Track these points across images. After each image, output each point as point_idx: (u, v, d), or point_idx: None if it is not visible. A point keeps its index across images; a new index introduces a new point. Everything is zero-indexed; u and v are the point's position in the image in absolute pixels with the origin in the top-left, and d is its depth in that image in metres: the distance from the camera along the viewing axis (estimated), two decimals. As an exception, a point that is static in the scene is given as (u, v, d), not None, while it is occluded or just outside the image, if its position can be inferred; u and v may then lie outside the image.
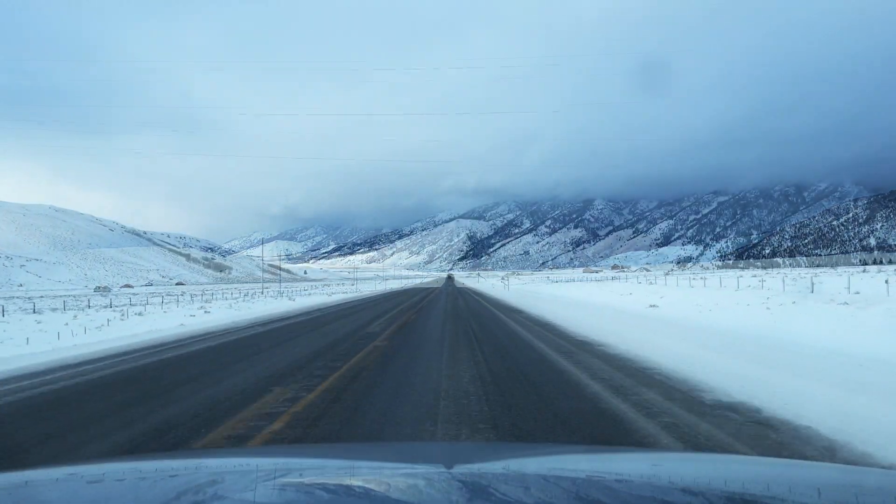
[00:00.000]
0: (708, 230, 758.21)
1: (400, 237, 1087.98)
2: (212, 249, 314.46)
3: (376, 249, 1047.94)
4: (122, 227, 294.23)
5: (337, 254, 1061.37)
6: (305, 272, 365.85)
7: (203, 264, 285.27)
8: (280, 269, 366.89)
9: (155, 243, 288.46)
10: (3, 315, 28.55)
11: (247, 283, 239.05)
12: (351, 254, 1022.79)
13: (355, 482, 2.02)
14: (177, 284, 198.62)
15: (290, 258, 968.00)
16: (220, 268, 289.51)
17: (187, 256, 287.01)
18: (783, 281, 35.65)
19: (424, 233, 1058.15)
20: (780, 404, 6.15)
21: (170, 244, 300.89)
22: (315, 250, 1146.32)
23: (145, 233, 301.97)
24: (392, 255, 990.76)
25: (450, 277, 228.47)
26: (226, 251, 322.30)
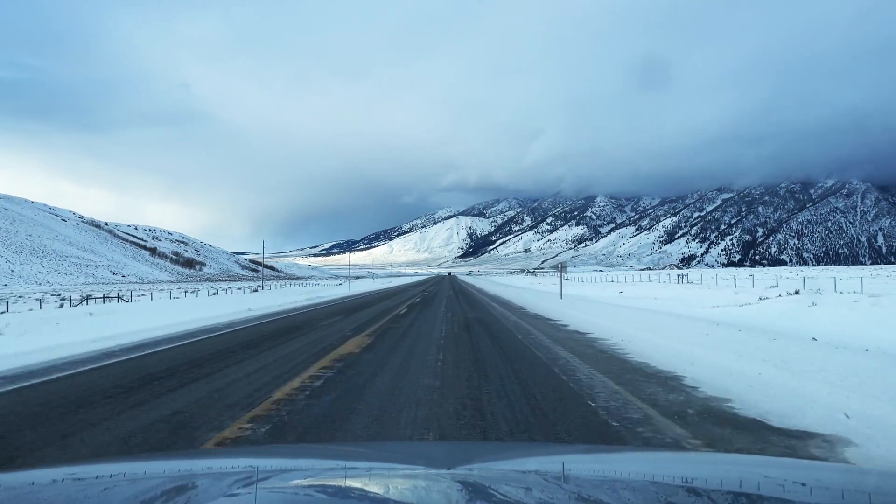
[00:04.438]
0: (712, 227, 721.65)
1: (399, 234, 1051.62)
2: (184, 243, 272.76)
3: (374, 247, 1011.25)
4: (80, 217, 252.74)
5: (336, 250, 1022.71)
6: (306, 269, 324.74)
7: (171, 260, 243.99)
8: (262, 265, 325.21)
9: (116, 235, 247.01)
10: None
11: (220, 281, 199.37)
12: (349, 251, 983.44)
13: (353, 483, 1.97)
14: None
15: (287, 255, 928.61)
16: (190, 264, 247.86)
17: (153, 251, 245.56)
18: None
19: (424, 230, 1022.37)
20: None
21: (135, 237, 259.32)
22: (315, 247, 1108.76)
23: (106, 224, 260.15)
24: (391, 252, 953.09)
25: (450, 276, 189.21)
26: (203, 246, 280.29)
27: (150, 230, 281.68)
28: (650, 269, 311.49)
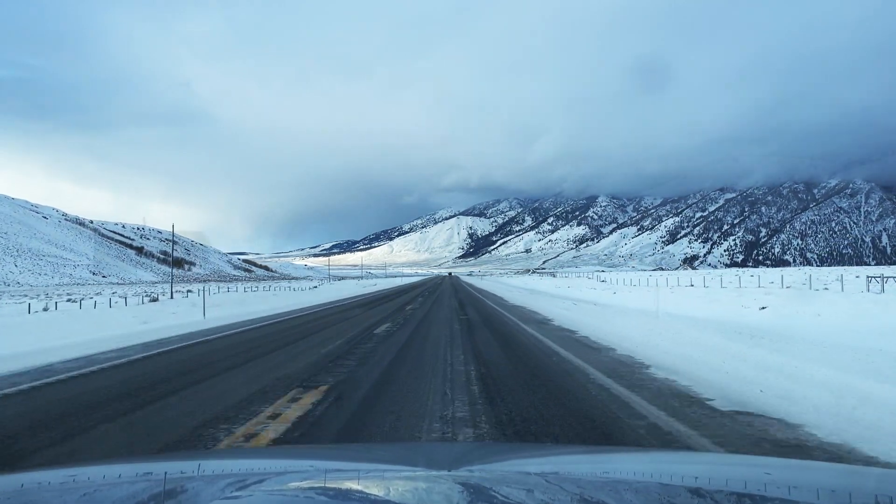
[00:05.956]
0: (715, 227, 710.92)
1: (400, 234, 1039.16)
2: (175, 242, 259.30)
3: (374, 247, 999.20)
4: (63, 214, 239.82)
5: (336, 251, 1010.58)
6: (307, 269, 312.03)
7: (158, 259, 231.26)
8: (255, 265, 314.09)
9: (102, 234, 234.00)
10: None
11: (209, 281, 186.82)
12: (349, 251, 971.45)
13: (353, 485, 1.92)
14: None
15: (287, 255, 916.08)
16: (178, 263, 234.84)
17: (140, 250, 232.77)
18: None
19: (424, 230, 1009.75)
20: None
21: (123, 235, 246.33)
22: (315, 247, 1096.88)
23: (91, 222, 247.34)
24: (391, 252, 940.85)
25: (451, 277, 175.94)
26: (194, 245, 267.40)
27: (138, 228, 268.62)
28: (662, 268, 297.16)
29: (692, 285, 37.00)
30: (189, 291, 46.85)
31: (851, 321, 11.46)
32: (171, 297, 31.83)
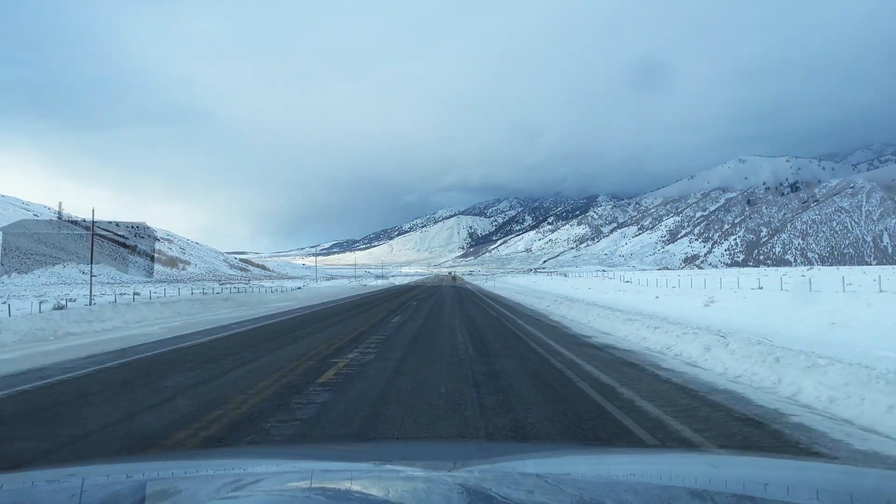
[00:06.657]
0: (715, 227, 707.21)
1: (400, 234, 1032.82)
2: (169, 241, 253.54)
3: (374, 246, 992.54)
4: (56, 212, 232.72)
5: (336, 250, 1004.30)
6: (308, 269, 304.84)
7: (151, 258, 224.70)
8: (252, 264, 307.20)
9: (95, 233, 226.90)
10: None
11: (203, 280, 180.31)
12: (349, 250, 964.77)
13: (351, 486, 1.88)
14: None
15: (286, 254, 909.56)
16: (173, 263, 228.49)
17: (132, 249, 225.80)
18: None
19: (424, 229, 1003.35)
20: None
21: (116, 234, 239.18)
22: (315, 246, 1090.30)
23: (84, 220, 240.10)
24: (391, 251, 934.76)
25: (454, 279, 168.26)
26: (189, 244, 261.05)
27: (133, 227, 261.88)
28: (667, 268, 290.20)
29: (761, 287, 29.72)
30: (136, 294, 39.87)
31: None
32: (90, 303, 24.67)
